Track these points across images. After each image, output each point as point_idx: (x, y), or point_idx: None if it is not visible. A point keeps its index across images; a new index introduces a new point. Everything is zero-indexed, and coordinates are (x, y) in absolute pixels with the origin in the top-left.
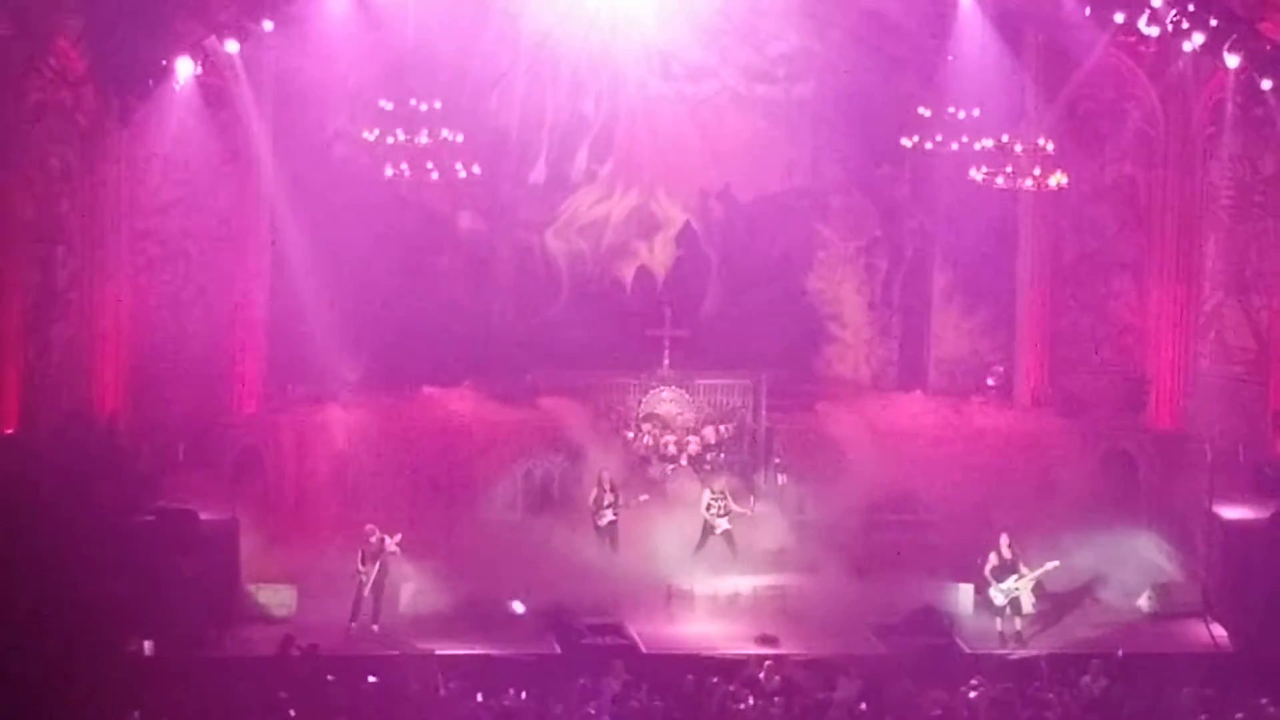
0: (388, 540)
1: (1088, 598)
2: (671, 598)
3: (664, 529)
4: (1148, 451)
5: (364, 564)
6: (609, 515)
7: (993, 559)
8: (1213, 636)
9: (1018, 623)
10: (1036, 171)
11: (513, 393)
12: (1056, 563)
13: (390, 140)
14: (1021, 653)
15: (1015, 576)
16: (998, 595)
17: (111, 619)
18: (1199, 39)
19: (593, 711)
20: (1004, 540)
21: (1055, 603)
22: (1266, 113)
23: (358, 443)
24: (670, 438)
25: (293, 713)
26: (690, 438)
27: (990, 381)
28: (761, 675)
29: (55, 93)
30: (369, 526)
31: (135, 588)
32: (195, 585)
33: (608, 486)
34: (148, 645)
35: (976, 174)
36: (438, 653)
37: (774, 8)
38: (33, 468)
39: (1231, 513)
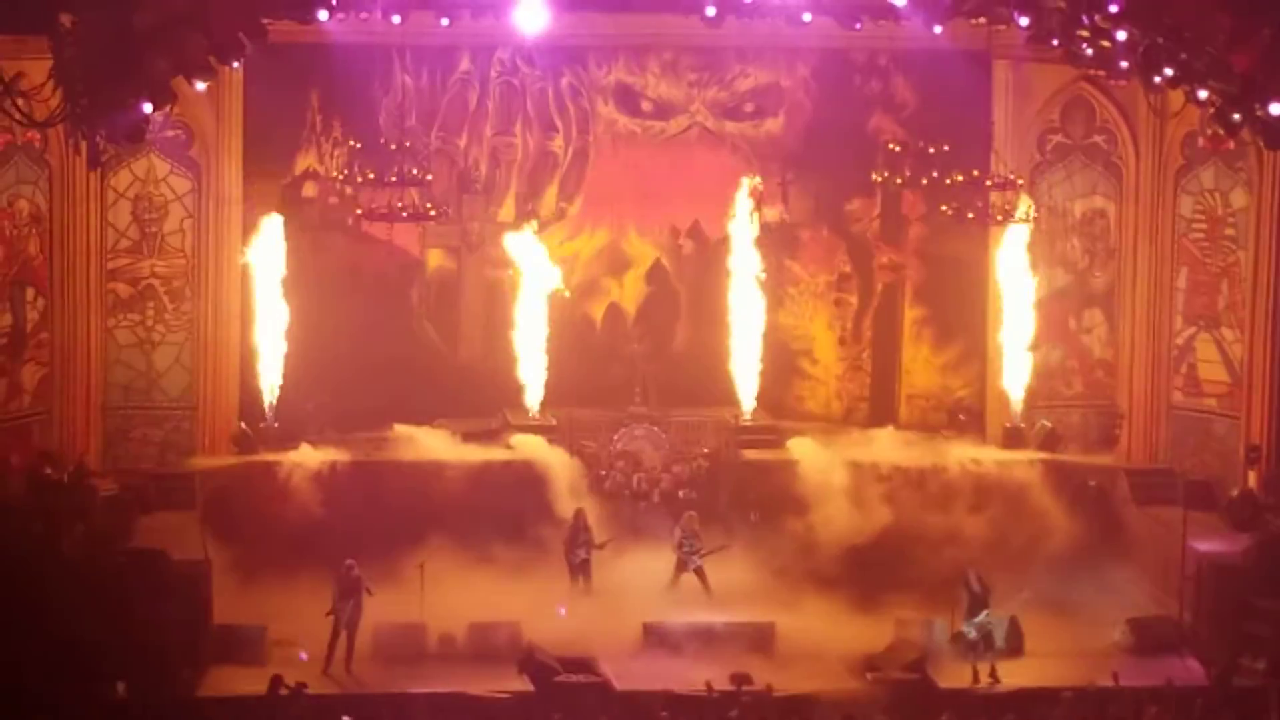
0: (364, 578)
1: (1061, 631)
2: (644, 634)
3: (636, 566)
4: (1121, 485)
5: (340, 600)
6: (582, 553)
7: (964, 595)
8: (1187, 669)
9: (990, 656)
10: (1007, 206)
11: (484, 430)
12: (1026, 594)
13: (359, 179)
14: (995, 687)
15: (986, 611)
16: (970, 630)
17: (84, 660)
18: (1169, 72)
19: None
20: (971, 575)
21: (1029, 637)
22: (1237, 146)
23: (329, 481)
24: (642, 474)
25: None
26: (662, 474)
27: (962, 417)
28: (735, 713)
29: (23, 133)
30: (349, 561)
31: (107, 629)
32: (167, 626)
33: (581, 524)
34: (120, 687)
35: (947, 208)
36: (411, 692)
37: (741, 44)
38: (3, 509)
39: (1205, 546)
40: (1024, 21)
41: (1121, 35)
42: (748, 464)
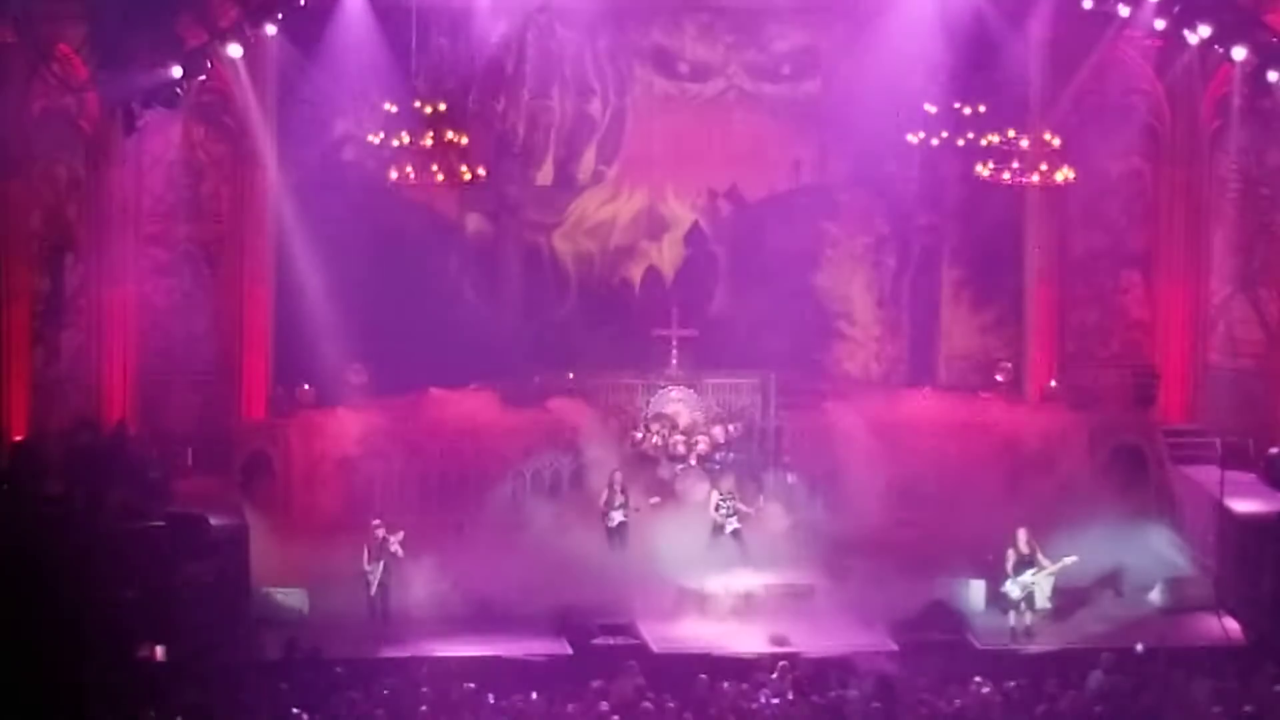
0: (391, 538)
1: (1098, 592)
2: (682, 598)
3: (673, 529)
4: (1157, 445)
5: (369, 562)
6: (619, 516)
7: (1011, 554)
8: (1225, 630)
9: (1029, 617)
10: (1043, 167)
11: (520, 394)
12: (1075, 558)
13: (395, 143)
14: (1033, 648)
15: (1033, 570)
16: (1014, 589)
17: (123, 625)
18: (1205, 31)
19: (605, 709)
20: (1022, 535)
21: (1066, 598)
22: (1273, 105)
23: (366, 445)
24: (679, 437)
25: (304, 717)
26: (699, 437)
27: (999, 377)
28: (774, 674)
29: (59, 99)
30: (375, 521)
31: (146, 593)
32: (206, 590)
33: (618, 487)
34: (159, 650)
35: (983, 170)
36: (449, 655)
37: (778, 5)
38: (43, 475)
39: (1242, 506)
40: None
41: None
42: (785, 426)
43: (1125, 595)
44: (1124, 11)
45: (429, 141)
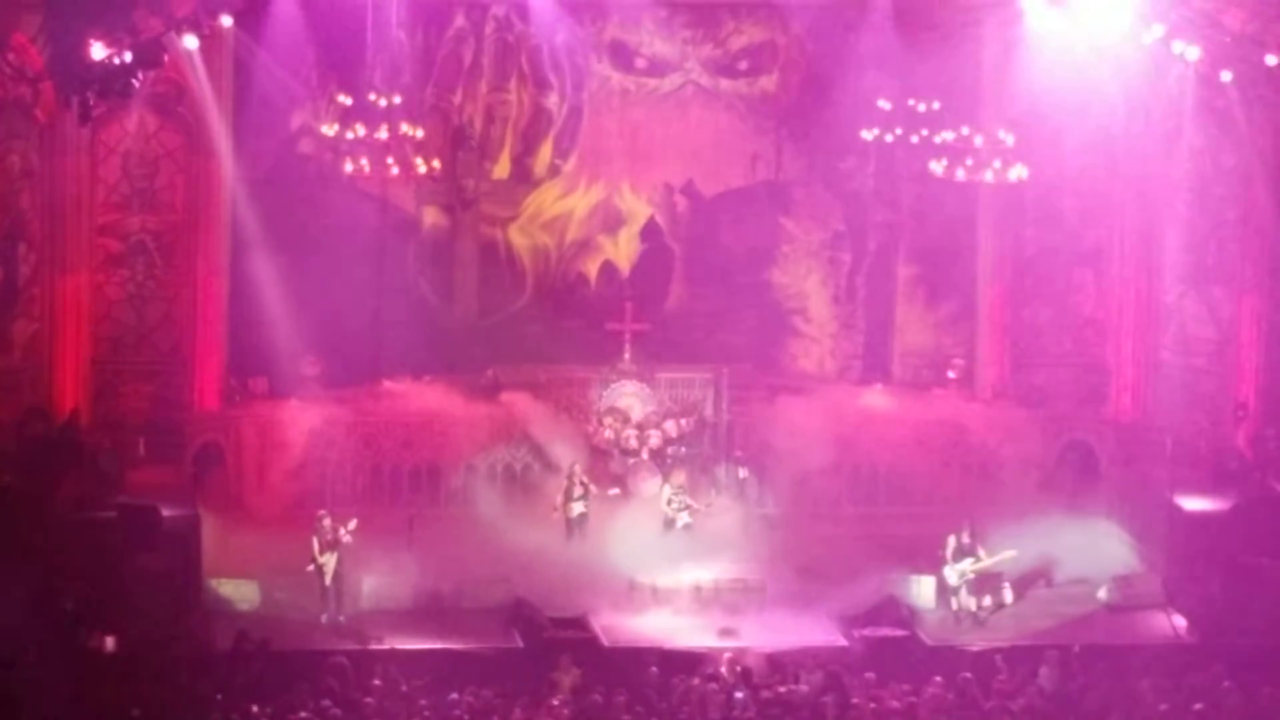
0: (342, 529)
1: (1047, 589)
2: (633, 591)
3: (625, 523)
4: (1108, 443)
5: (321, 553)
6: (580, 507)
7: (952, 541)
8: (1173, 627)
9: (972, 602)
10: (997, 164)
11: (474, 387)
12: (1015, 552)
13: (350, 135)
14: (981, 644)
15: (971, 560)
16: (951, 575)
17: (73, 615)
18: (1159, 31)
19: (555, 703)
20: (966, 528)
21: (1015, 592)
22: (1226, 105)
23: (319, 437)
24: (631, 431)
25: (254, 708)
26: (651, 431)
27: (952, 374)
28: (724, 668)
29: (14, 88)
30: (321, 512)
31: (97, 583)
32: (157, 581)
33: (577, 479)
34: (109, 641)
35: (937, 166)
36: (401, 647)
37: (736, 1)
38: None
39: (1192, 503)
40: None
41: None
42: (738, 421)
43: (1073, 592)
44: (1079, 11)
45: (384, 134)
